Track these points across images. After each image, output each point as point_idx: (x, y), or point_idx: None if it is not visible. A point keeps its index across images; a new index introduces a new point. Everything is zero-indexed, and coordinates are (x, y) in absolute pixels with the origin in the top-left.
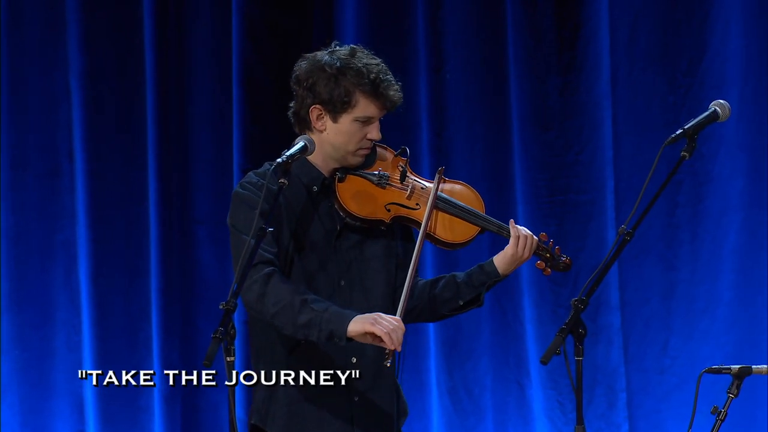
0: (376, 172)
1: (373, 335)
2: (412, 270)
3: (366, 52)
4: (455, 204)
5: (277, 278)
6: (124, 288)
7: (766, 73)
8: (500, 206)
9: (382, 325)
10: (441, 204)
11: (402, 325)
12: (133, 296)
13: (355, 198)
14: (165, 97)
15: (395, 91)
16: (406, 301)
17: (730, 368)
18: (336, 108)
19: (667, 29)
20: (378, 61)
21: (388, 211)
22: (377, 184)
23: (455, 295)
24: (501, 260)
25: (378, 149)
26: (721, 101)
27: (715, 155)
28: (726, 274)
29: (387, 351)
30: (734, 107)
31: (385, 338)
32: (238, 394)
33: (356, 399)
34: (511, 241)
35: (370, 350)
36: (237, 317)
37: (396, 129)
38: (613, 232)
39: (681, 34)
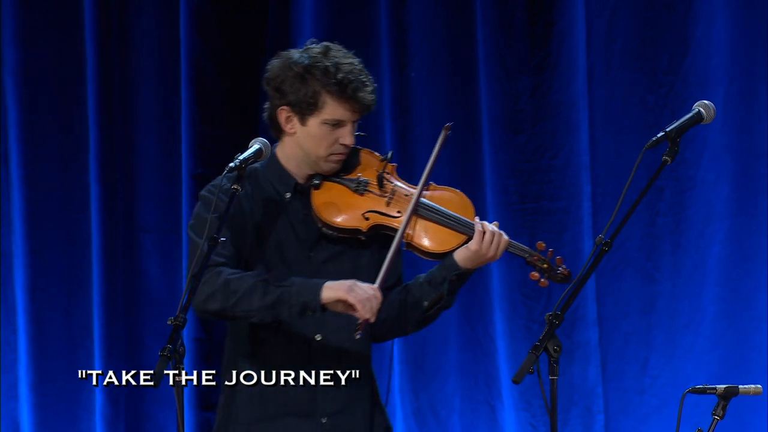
0: (355, 178)
1: (347, 303)
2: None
3: (342, 50)
4: (439, 211)
5: (228, 271)
6: (64, 302)
7: (753, 70)
8: None
9: (356, 293)
10: (423, 211)
11: (378, 294)
12: (74, 311)
13: (331, 206)
14: (107, 97)
15: (367, 93)
16: (387, 271)
17: (715, 388)
18: (303, 110)
19: (646, 24)
20: (352, 60)
21: (366, 219)
22: (355, 191)
23: (419, 297)
24: (462, 255)
25: (362, 154)
26: (706, 101)
27: (699, 160)
28: (710, 287)
29: (359, 322)
30: (720, 108)
31: (359, 306)
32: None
33: (324, 421)
34: (475, 236)
35: (334, 359)
36: (186, 334)
37: (357, 131)
38: (589, 242)
39: (662, 29)
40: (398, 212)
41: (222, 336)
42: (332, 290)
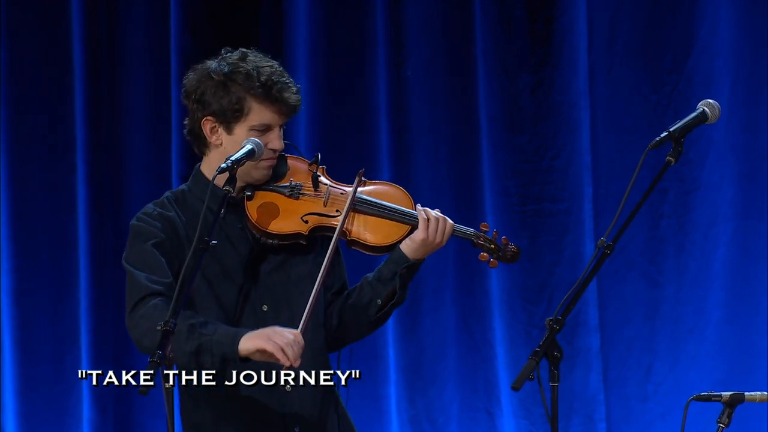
0: (287, 184)
1: (266, 353)
2: (320, 278)
3: (259, 55)
4: (378, 204)
5: (161, 308)
6: (51, 307)
7: (758, 68)
8: (467, 216)
9: (274, 341)
10: (361, 206)
11: (300, 339)
12: (61, 316)
13: (267, 214)
14: (96, 96)
15: (292, 94)
16: (310, 315)
17: (720, 395)
18: (228, 118)
19: (649, 22)
20: (271, 63)
21: (306, 222)
22: (290, 196)
23: (371, 297)
24: (409, 245)
25: (289, 160)
26: (710, 101)
27: (704, 160)
28: (715, 291)
29: (285, 369)
30: (724, 107)
31: (279, 355)
32: None
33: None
34: (420, 224)
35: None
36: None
37: (352, 131)
38: (591, 244)
39: (665, 27)
40: (337, 211)
41: None
42: (250, 341)
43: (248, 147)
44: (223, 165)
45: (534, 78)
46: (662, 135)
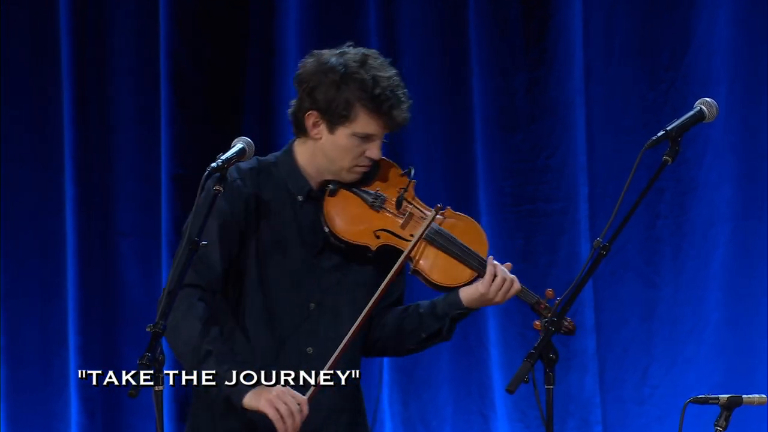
0: (373, 192)
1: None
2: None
3: (381, 60)
4: (453, 241)
5: (198, 312)
6: (38, 309)
7: (757, 66)
8: None
9: (278, 408)
10: (437, 240)
11: (305, 409)
12: (48, 318)
13: (343, 217)
14: (83, 94)
15: (401, 111)
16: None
17: (717, 398)
18: (334, 118)
19: (646, 18)
20: (390, 73)
21: (377, 237)
22: (371, 206)
23: (418, 326)
24: (468, 294)
25: (383, 165)
26: (708, 99)
27: (701, 159)
28: (713, 292)
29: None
30: (722, 106)
31: (278, 425)
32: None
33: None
34: (486, 277)
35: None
36: (166, 341)
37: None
38: (587, 245)
39: (662, 24)
40: (411, 236)
41: None
42: (256, 399)
43: (239, 146)
44: (214, 164)
45: (529, 76)
46: (659, 134)
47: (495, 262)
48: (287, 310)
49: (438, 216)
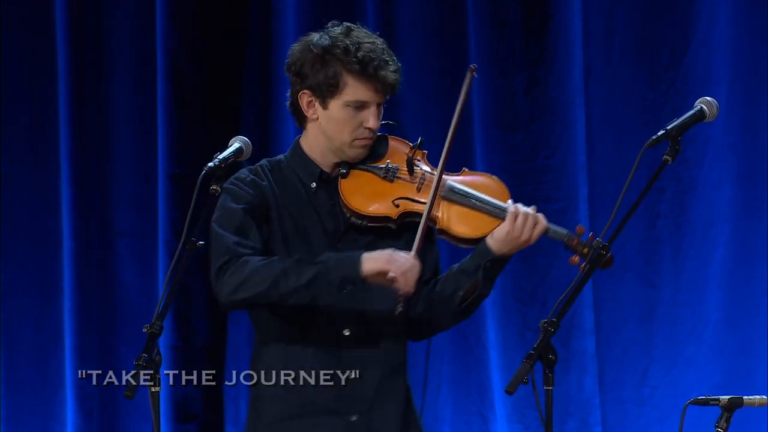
0: (383, 165)
1: (387, 274)
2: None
3: (364, 30)
4: (471, 195)
5: (255, 259)
6: (34, 309)
7: (757, 65)
8: None
9: (397, 264)
10: (454, 196)
11: (418, 263)
12: (45, 319)
13: (359, 193)
14: (80, 93)
15: (389, 72)
16: (421, 241)
17: (718, 399)
18: (324, 92)
19: (646, 17)
20: (374, 39)
21: (397, 206)
22: (384, 178)
23: (454, 288)
24: (495, 239)
25: (391, 141)
26: (708, 98)
27: (702, 159)
28: (713, 292)
29: (399, 294)
30: (722, 105)
31: (401, 278)
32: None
33: (354, 419)
34: (507, 218)
35: (369, 354)
36: (163, 342)
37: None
38: None
39: (662, 23)
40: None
41: (201, 343)
42: (372, 261)
43: (236, 145)
44: (211, 164)
45: (528, 75)
46: (659, 133)
47: (517, 203)
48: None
49: (453, 176)
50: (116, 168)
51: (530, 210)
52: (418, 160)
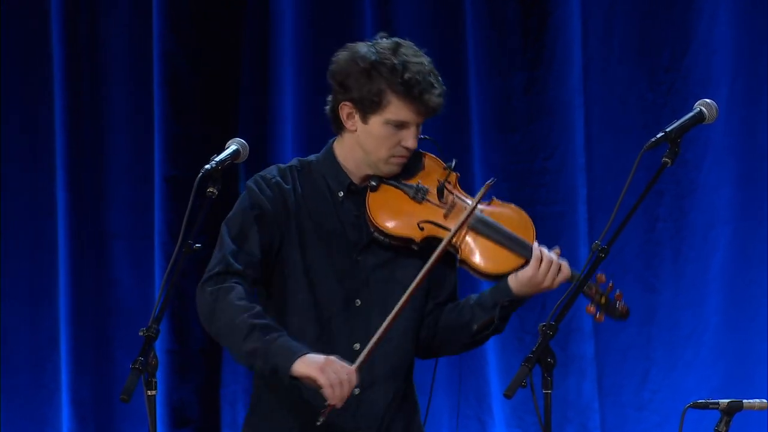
0: (414, 185)
1: (317, 383)
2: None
3: (413, 48)
4: (497, 228)
5: (234, 294)
6: (29, 312)
7: (758, 67)
8: None
9: (328, 375)
10: (480, 227)
11: (353, 379)
12: (39, 322)
13: (386, 211)
14: (76, 95)
15: (434, 96)
16: (375, 346)
17: (718, 403)
18: (366, 107)
19: (646, 17)
20: (422, 60)
21: (421, 229)
22: (413, 198)
23: (470, 319)
24: (517, 280)
25: (425, 160)
26: (708, 100)
27: (701, 162)
28: (713, 296)
29: (325, 404)
30: (722, 107)
31: (327, 391)
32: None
33: None
34: (532, 262)
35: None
36: (159, 345)
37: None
38: (585, 248)
39: (662, 23)
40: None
41: (197, 348)
42: (305, 366)
43: (233, 147)
44: (207, 166)
45: (527, 76)
46: (658, 135)
47: (542, 246)
48: (333, 306)
49: (481, 206)
50: (112, 170)
51: (554, 255)
52: (449, 184)
